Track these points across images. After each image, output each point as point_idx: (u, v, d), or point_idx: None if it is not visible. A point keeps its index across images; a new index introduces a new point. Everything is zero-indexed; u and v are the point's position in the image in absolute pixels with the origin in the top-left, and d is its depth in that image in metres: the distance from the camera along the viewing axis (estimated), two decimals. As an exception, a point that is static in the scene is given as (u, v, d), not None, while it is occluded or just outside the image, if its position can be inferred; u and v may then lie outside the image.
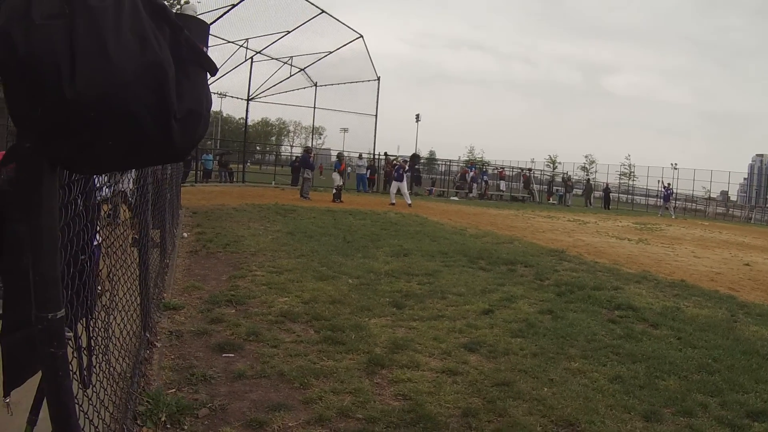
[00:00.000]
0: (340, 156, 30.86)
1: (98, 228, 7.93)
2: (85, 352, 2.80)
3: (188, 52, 1.46)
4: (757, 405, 5.72)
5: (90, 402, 2.87)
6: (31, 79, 1.41)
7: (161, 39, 1.37)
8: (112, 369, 3.79)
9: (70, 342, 2.23)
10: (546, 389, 5.73)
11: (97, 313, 3.40)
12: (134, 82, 1.25)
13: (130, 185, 7.38)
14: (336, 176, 29.23)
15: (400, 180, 29.39)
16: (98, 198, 4.04)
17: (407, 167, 30.27)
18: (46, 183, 1.66)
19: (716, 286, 12.48)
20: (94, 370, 3.03)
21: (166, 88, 1.32)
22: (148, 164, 2.34)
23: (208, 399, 4.88)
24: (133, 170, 5.69)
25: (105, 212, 6.76)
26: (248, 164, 53.99)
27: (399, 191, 29.36)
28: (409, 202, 29.05)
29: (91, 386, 2.90)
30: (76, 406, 2.09)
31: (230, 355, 5.99)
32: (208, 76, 1.64)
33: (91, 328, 3.05)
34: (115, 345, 4.05)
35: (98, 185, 4.10)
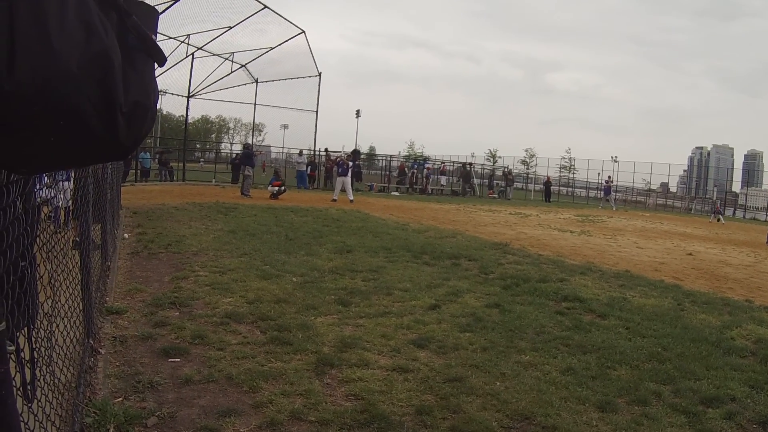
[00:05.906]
0: (277, 172, 30.47)
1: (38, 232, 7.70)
2: (27, 364, 2.68)
3: (135, 40, 1.36)
4: (710, 391, 5.88)
5: (35, 417, 2.76)
6: None
7: (107, 25, 1.27)
8: (56, 380, 3.66)
9: (12, 356, 2.11)
10: (498, 383, 5.77)
11: (39, 322, 3.27)
12: (78, 73, 1.15)
13: (70, 185, 7.15)
14: (271, 188, 28.67)
15: (345, 175, 29.27)
16: (38, 199, 3.90)
17: (350, 162, 30.11)
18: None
19: (661, 276, 12.82)
20: (38, 382, 2.91)
21: (111, 78, 1.22)
22: (92, 162, 2.22)
23: (156, 407, 4.74)
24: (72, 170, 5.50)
25: (45, 214, 6.59)
26: (202, 163, 53.03)
27: (343, 187, 29.24)
28: (352, 198, 29.02)
29: (35, 400, 2.77)
30: (21, 423, 1.99)
31: (176, 359, 5.86)
32: (156, 66, 1.54)
33: (33, 339, 2.92)
34: (59, 354, 3.91)
35: (38, 186, 3.95)
